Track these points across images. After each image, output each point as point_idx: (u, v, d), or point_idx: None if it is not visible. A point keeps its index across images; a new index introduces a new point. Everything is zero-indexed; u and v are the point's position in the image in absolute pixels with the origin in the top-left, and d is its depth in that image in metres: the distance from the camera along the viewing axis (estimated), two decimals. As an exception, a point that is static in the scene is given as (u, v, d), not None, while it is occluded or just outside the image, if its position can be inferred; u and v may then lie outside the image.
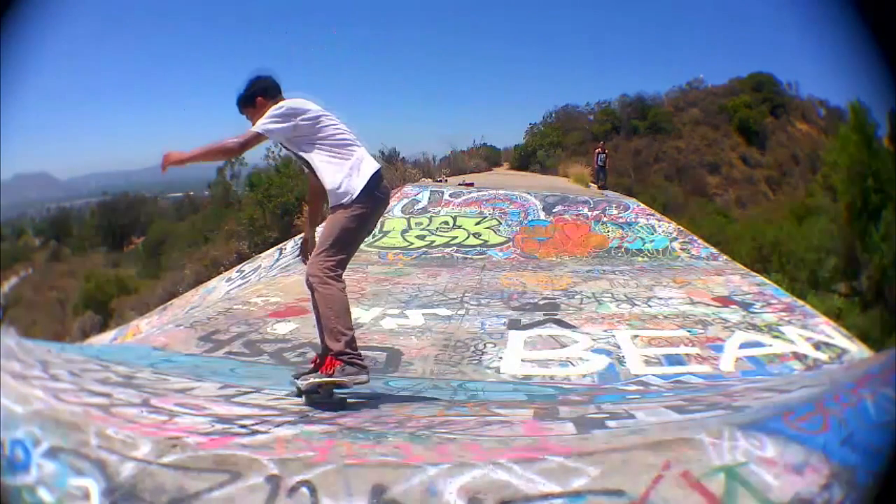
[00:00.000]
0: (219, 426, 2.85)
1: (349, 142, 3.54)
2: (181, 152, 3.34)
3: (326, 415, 3.29)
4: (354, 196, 3.41)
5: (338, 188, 3.43)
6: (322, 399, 3.34)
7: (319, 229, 3.84)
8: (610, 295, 7.85)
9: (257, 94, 3.61)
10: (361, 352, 3.49)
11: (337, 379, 3.29)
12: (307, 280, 3.43)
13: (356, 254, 3.83)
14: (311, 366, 3.54)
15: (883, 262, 15.35)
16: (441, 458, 2.40)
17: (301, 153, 3.54)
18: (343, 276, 3.44)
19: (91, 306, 29.20)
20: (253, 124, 3.48)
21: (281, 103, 3.48)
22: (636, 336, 6.01)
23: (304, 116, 3.43)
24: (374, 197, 3.50)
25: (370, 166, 3.51)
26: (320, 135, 3.47)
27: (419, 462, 2.35)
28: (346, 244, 3.47)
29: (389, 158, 27.45)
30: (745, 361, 5.34)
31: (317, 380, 3.34)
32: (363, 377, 3.33)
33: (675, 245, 11.20)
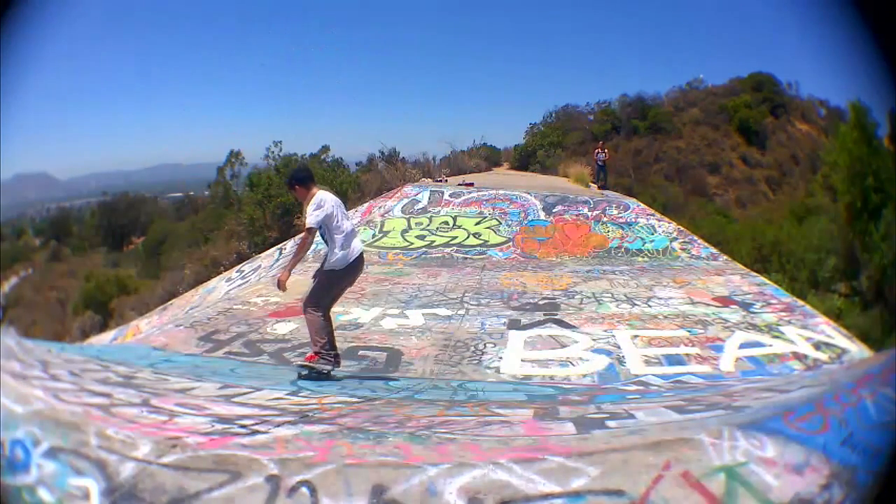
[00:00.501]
0: (219, 426, 2.85)
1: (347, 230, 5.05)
2: (286, 272, 4.89)
3: (326, 415, 3.29)
4: (340, 266, 4.98)
5: (332, 258, 4.96)
6: (310, 375, 4.85)
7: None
8: (610, 295, 7.85)
9: (307, 181, 5.14)
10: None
11: (314, 365, 4.89)
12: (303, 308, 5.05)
13: None
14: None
15: (883, 261, 15.33)
16: (441, 458, 2.40)
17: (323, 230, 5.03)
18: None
19: (91, 306, 29.19)
20: (297, 197, 5.16)
21: (320, 199, 4.93)
22: (636, 336, 6.01)
23: (326, 209, 4.92)
24: (351, 266, 5.06)
25: (357, 247, 5.11)
26: (334, 223, 4.95)
27: (419, 462, 2.34)
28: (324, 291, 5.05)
29: (389, 158, 27.45)
30: (745, 361, 5.34)
31: (303, 363, 4.99)
32: (328, 367, 4.89)
33: (675, 245, 11.20)
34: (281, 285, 4.88)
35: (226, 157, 37.93)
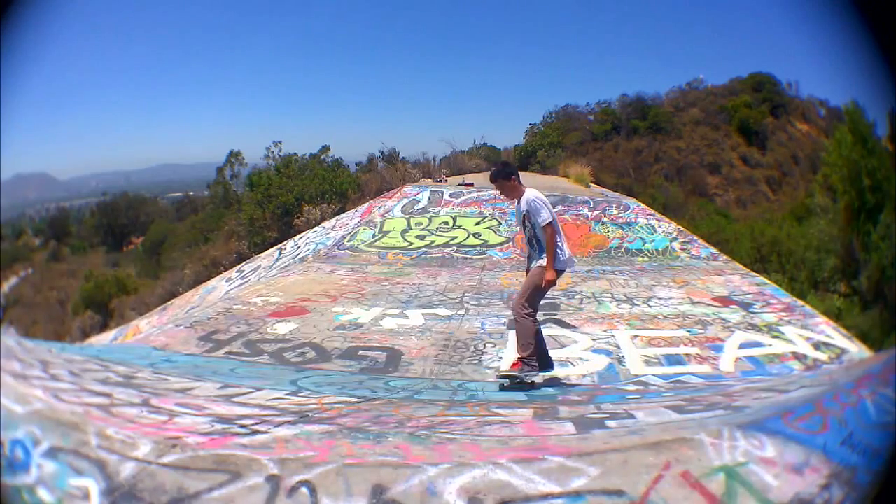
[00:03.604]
0: (219, 426, 2.85)
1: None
2: (551, 270, 4.63)
3: (326, 415, 3.29)
4: (563, 267, 4.77)
5: (560, 257, 4.74)
6: (512, 384, 4.65)
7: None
8: (610, 295, 7.86)
9: (513, 175, 4.99)
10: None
11: (518, 374, 4.64)
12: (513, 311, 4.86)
13: (356, 254, 4.25)
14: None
15: (882, 261, 15.33)
16: (441, 458, 2.40)
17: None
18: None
19: (91, 306, 29.19)
20: (500, 193, 5.11)
21: (541, 198, 4.84)
22: (636, 336, 6.02)
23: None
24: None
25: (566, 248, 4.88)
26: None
27: (419, 462, 2.34)
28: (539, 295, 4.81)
29: (389, 158, 27.44)
30: (745, 361, 5.34)
31: (506, 372, 4.76)
32: (534, 375, 4.66)
33: (675, 245, 11.20)
34: (549, 280, 4.62)
35: (226, 157, 37.95)
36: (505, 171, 5.02)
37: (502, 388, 4.59)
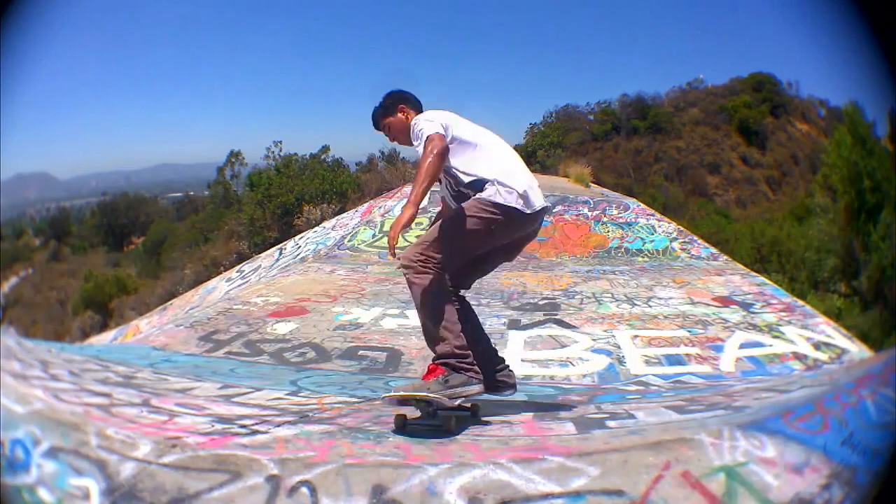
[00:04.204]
0: (219, 426, 2.85)
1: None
2: (412, 207, 2.82)
3: (326, 415, 3.29)
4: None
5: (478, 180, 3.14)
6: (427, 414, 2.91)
7: None
8: (610, 295, 7.85)
9: (400, 104, 3.30)
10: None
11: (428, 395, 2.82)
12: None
13: (356, 254, 3.86)
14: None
15: (882, 262, 15.34)
16: (441, 458, 2.40)
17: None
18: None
19: (91, 306, 29.22)
20: (394, 140, 3.37)
21: (426, 115, 3.15)
22: (636, 336, 6.01)
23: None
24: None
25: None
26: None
27: (419, 462, 2.34)
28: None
29: (390, 159, 27.46)
30: (745, 361, 5.33)
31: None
32: (474, 385, 2.92)
33: (675, 245, 11.20)
34: (394, 235, 2.85)
35: (226, 157, 37.99)
36: (384, 105, 3.32)
37: (401, 429, 2.81)
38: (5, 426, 2.32)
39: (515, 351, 5.65)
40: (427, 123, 2.99)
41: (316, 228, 15.08)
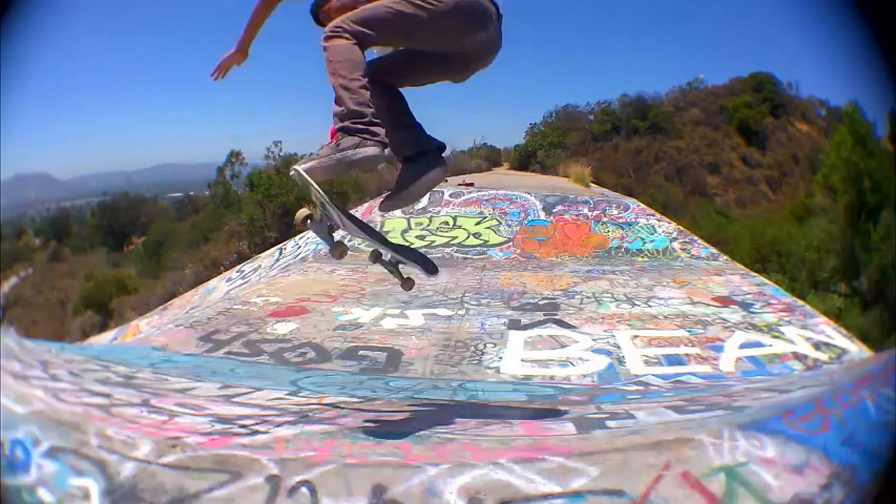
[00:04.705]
0: (219, 426, 2.85)
1: None
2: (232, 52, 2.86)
3: (326, 415, 3.29)
4: None
5: None
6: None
7: None
8: (610, 295, 7.85)
9: None
10: None
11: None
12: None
13: (357, 254, 3.78)
14: None
15: (882, 262, 15.36)
16: (441, 458, 2.40)
17: None
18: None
19: (91, 306, 29.23)
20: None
21: None
22: (636, 336, 6.01)
23: None
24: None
25: None
26: None
27: (419, 462, 2.34)
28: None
29: (390, 159, 27.39)
30: (745, 361, 5.33)
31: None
32: (369, 149, 2.63)
33: (675, 245, 11.20)
34: (225, 65, 3.01)
35: (226, 157, 38.00)
36: None
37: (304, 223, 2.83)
38: (5, 426, 2.32)
39: (515, 351, 5.66)
40: None
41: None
